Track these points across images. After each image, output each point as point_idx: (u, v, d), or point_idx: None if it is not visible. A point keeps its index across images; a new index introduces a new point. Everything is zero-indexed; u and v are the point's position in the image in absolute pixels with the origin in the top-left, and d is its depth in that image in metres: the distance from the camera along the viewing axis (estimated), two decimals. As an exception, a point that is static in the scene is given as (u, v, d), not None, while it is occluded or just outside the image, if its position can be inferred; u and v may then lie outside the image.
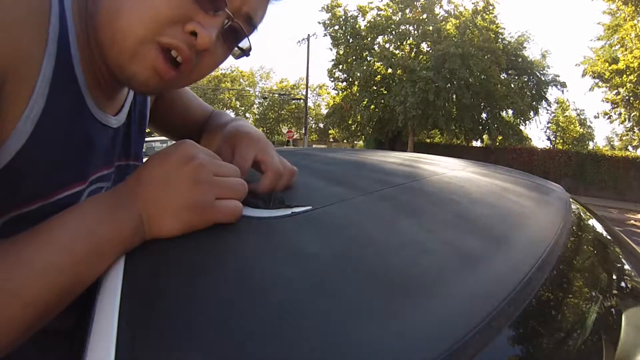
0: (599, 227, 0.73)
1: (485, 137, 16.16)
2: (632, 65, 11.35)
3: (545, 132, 23.77)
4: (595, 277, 0.50)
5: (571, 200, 0.81)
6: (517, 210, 0.58)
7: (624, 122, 13.92)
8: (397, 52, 14.75)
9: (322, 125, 27.11)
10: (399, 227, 0.43)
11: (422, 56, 14.39)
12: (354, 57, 15.35)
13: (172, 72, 0.38)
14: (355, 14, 15.58)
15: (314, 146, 19.22)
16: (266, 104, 27.30)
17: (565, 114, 23.80)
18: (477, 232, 0.44)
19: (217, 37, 0.39)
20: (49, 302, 0.29)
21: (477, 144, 16.98)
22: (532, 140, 21.43)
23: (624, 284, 0.54)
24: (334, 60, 16.08)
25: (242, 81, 28.94)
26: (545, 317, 0.35)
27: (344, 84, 16.38)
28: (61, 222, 0.31)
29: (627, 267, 0.60)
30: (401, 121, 13.68)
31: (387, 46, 15.04)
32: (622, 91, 12.59)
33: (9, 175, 0.34)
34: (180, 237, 0.34)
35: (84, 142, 0.41)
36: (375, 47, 15.10)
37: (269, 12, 0.46)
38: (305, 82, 20.21)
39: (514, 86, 14.88)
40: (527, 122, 16.09)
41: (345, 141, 19.87)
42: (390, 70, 14.46)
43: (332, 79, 16.62)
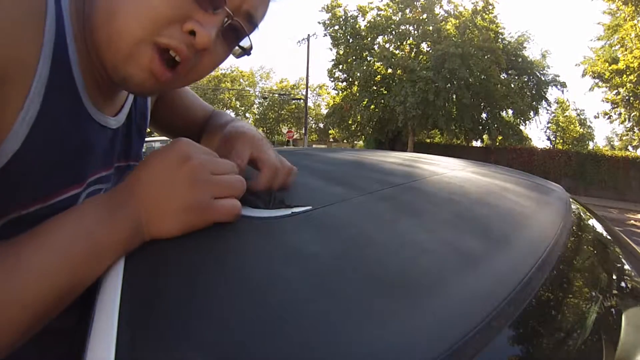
0: (599, 227, 0.73)
1: (485, 137, 16.16)
2: (632, 65, 11.35)
3: (545, 132, 23.81)
4: (595, 277, 0.50)
5: (571, 200, 0.81)
6: (517, 210, 0.58)
7: (624, 122, 13.93)
8: (397, 52, 14.74)
9: (322, 125, 27.11)
10: (399, 227, 0.43)
11: (422, 56, 14.38)
12: (354, 57, 15.34)
13: (167, 73, 0.37)
14: (355, 14, 15.60)
15: (314, 146, 19.22)
16: (266, 104, 27.30)
17: (565, 114, 23.81)
18: (477, 232, 0.44)
19: (216, 36, 0.38)
20: (47, 304, 0.29)
21: (477, 144, 16.99)
22: (532, 140, 21.45)
23: (624, 284, 0.54)
24: (334, 60, 16.09)
25: (242, 81, 28.93)
26: (545, 317, 0.35)
27: (344, 84, 16.38)
28: (60, 224, 0.31)
29: (627, 267, 0.60)
30: (401, 121, 13.67)
31: (387, 46, 15.03)
32: (622, 91, 12.59)
33: (6, 178, 0.33)
34: (180, 237, 0.34)
35: (81, 143, 0.40)
36: (375, 47, 15.10)
37: (269, 11, 0.45)
38: (305, 82, 20.22)
39: (514, 86, 14.87)
40: (527, 122, 16.10)
41: (345, 141, 19.87)
42: (390, 70, 14.45)
43: (332, 79, 16.63)
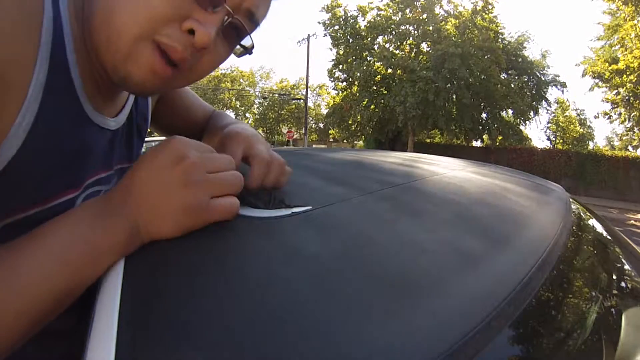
0: (599, 227, 0.73)
1: (485, 137, 16.16)
2: (632, 65, 11.35)
3: (545, 132, 23.84)
4: (595, 277, 0.50)
5: (571, 200, 0.81)
6: (517, 210, 0.58)
7: (624, 122, 13.93)
8: (397, 52, 14.74)
9: (322, 125, 27.12)
10: (399, 227, 0.43)
11: (422, 56, 14.38)
12: (354, 57, 15.34)
13: (168, 69, 0.36)
14: (355, 14, 15.60)
15: (314, 146, 19.21)
16: (266, 104, 27.30)
17: (565, 114, 23.83)
18: (477, 232, 0.44)
19: (216, 34, 0.37)
20: (44, 309, 0.29)
21: (477, 144, 16.99)
22: (532, 140, 21.47)
23: (624, 284, 0.54)
24: (334, 60, 16.08)
25: (242, 81, 28.93)
26: (545, 317, 0.35)
27: (344, 84, 16.38)
28: (55, 228, 0.31)
29: (627, 267, 0.60)
30: (401, 121, 13.68)
31: (387, 46, 15.03)
32: (622, 91, 12.59)
33: (4, 182, 0.33)
34: (179, 237, 0.34)
35: (80, 146, 0.40)
36: (375, 47, 15.10)
37: (269, 10, 0.44)
38: (305, 82, 20.22)
39: (514, 86, 14.88)
40: (527, 122, 16.10)
41: (345, 141, 19.87)
42: (390, 70, 14.45)
43: (332, 79, 16.63)
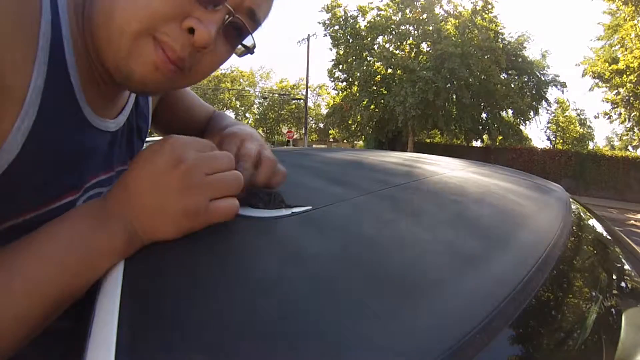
0: (599, 227, 0.73)
1: (485, 137, 16.16)
2: (632, 65, 11.35)
3: (545, 132, 23.86)
4: (595, 277, 0.50)
5: (571, 200, 0.81)
6: (517, 210, 0.58)
7: (624, 122, 13.92)
8: (397, 52, 14.74)
9: (322, 125, 27.13)
10: (399, 227, 0.43)
11: (422, 56, 14.38)
12: (354, 57, 15.33)
13: (170, 65, 0.36)
14: (355, 14, 15.58)
15: (314, 146, 19.22)
16: (266, 104, 27.31)
17: (565, 114, 23.83)
18: (477, 232, 0.45)
19: (217, 34, 0.36)
20: (41, 314, 0.29)
21: (477, 144, 16.99)
22: (532, 140, 21.50)
23: (624, 284, 0.54)
24: (334, 60, 16.07)
25: (242, 81, 28.93)
26: (545, 317, 0.35)
27: (344, 84, 16.37)
28: (51, 232, 0.31)
29: (627, 267, 0.60)
30: (401, 121, 13.67)
31: (387, 46, 15.02)
32: (622, 91, 12.59)
33: (2, 187, 0.33)
34: (179, 238, 0.33)
35: (79, 149, 0.39)
36: (375, 47, 15.09)
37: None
38: (305, 82, 20.22)
39: (514, 86, 14.86)
40: (527, 122, 16.10)
41: (345, 141, 19.87)
42: (390, 70, 14.45)
43: (332, 79, 16.61)
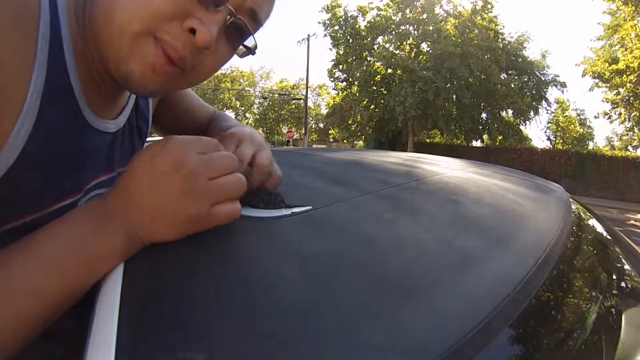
0: (599, 227, 0.73)
1: (485, 137, 16.16)
2: (632, 65, 11.34)
3: (545, 132, 23.86)
4: (595, 277, 0.50)
5: (571, 200, 0.81)
6: (517, 210, 0.58)
7: (624, 122, 13.92)
8: (397, 52, 14.73)
9: (322, 125, 27.12)
10: (399, 227, 0.43)
11: (421, 56, 14.37)
12: (354, 57, 15.33)
13: (167, 67, 0.35)
14: (355, 14, 15.58)
15: (314, 146, 19.22)
16: (266, 104, 27.30)
17: (565, 114, 23.84)
18: (477, 232, 0.45)
19: (219, 34, 0.36)
20: (40, 315, 0.29)
21: (477, 144, 16.99)
22: (532, 140, 21.49)
23: (624, 284, 0.54)
24: (334, 60, 16.07)
25: (242, 81, 28.93)
26: (545, 317, 0.35)
27: (344, 84, 16.36)
28: (51, 233, 0.31)
29: (627, 267, 0.60)
30: (401, 121, 13.66)
31: (387, 46, 15.02)
32: (622, 91, 12.58)
33: (3, 189, 0.33)
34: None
35: (79, 151, 0.39)
36: (375, 47, 15.09)
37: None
38: (305, 82, 20.22)
39: (514, 86, 14.85)
40: (527, 122, 16.09)
41: (345, 141, 19.87)
42: (390, 70, 14.44)
43: (332, 79, 16.62)
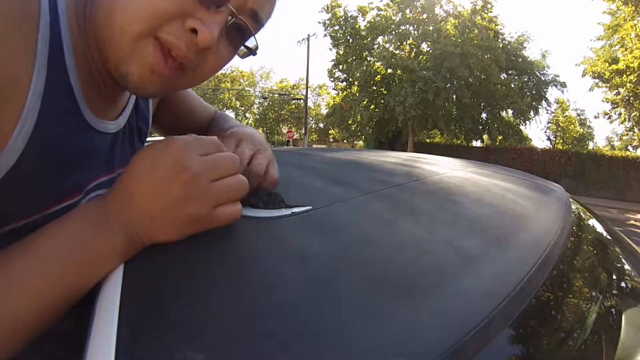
0: (599, 227, 0.73)
1: (485, 137, 16.16)
2: (632, 65, 11.34)
3: (545, 132, 23.85)
4: (595, 277, 0.50)
5: (571, 200, 0.81)
6: (517, 210, 0.58)
7: (624, 122, 13.92)
8: (397, 52, 14.73)
9: (322, 125, 27.12)
10: (399, 227, 0.43)
11: (421, 56, 14.37)
12: (354, 57, 15.33)
13: (166, 69, 0.35)
14: (355, 14, 15.59)
15: (314, 146, 19.22)
16: (266, 104, 27.30)
17: (565, 114, 23.84)
18: (477, 232, 0.45)
19: (220, 35, 0.36)
20: (40, 316, 0.29)
21: (477, 144, 16.99)
22: (532, 140, 21.47)
23: (624, 284, 0.54)
24: (334, 60, 16.08)
25: (242, 81, 28.92)
26: (545, 317, 0.35)
27: (344, 84, 16.37)
28: (51, 233, 0.31)
29: (627, 267, 0.60)
30: (401, 121, 13.67)
31: (387, 46, 15.02)
32: (622, 91, 12.58)
33: (3, 191, 0.33)
34: (180, 237, 0.34)
35: (80, 152, 0.39)
36: (375, 47, 15.09)
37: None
38: (305, 82, 20.22)
39: (514, 86, 14.86)
40: (527, 122, 16.10)
41: (345, 141, 19.87)
42: (390, 70, 14.45)
43: (332, 79, 16.62)
